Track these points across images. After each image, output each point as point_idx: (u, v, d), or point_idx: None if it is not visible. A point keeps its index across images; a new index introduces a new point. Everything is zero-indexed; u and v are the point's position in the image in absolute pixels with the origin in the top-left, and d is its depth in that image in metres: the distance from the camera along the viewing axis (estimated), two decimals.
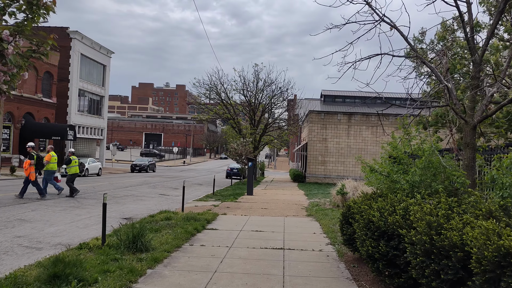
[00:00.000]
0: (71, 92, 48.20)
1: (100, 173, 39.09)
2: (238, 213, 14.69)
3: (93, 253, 7.70)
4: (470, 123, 7.29)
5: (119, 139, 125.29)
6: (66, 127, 40.04)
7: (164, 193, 23.07)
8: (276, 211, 15.47)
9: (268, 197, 21.39)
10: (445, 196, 6.12)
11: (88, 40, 50.71)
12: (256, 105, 35.72)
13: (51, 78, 43.91)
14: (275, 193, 24.46)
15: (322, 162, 36.73)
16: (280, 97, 35.45)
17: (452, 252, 4.56)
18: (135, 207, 16.72)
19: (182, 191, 14.93)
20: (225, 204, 17.18)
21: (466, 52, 13.99)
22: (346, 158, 36.57)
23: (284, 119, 37.79)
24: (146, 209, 15.95)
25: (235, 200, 18.95)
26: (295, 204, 18.10)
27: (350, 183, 17.83)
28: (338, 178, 37.08)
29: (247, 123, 37.60)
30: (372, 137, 36.60)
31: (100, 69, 55.64)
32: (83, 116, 50.91)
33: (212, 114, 35.03)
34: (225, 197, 20.60)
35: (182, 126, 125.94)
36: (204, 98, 35.37)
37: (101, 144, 56.83)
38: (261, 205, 17.29)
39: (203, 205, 16.94)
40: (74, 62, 48.28)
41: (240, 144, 30.48)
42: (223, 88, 34.84)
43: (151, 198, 20.23)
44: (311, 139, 36.72)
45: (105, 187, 25.10)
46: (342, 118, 36.92)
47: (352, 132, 36.69)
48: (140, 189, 24.87)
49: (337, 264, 7.67)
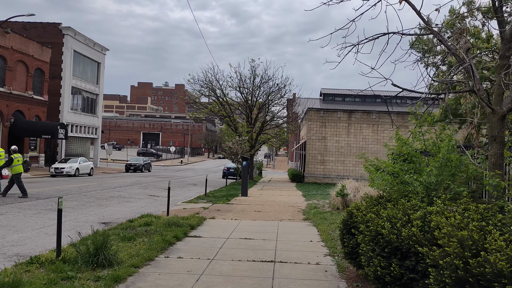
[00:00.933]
0: (64, 89, 46.89)
1: (92, 173, 37.80)
2: (228, 216, 13.40)
3: (44, 269, 6.41)
4: (498, 112, 6.01)
5: (116, 139, 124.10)
6: (57, 125, 38.73)
7: (154, 194, 21.80)
8: (271, 215, 14.18)
9: (264, 199, 20.11)
10: (472, 202, 4.84)
11: (81, 37, 49.40)
12: (253, 103, 34.42)
13: (43, 75, 42.59)
14: (272, 194, 23.19)
15: (321, 161, 35.46)
16: (277, 94, 34.15)
17: (498, 283, 3.28)
18: (118, 209, 15.45)
19: (168, 192, 13.67)
20: (215, 207, 15.89)
21: (480, 40, 12.72)
22: (346, 157, 35.30)
23: (282, 117, 36.48)
24: (130, 212, 14.68)
25: (228, 202, 17.66)
26: (292, 206, 16.82)
27: (351, 184, 16.57)
28: (338, 178, 35.81)
29: (243, 121, 36.32)
30: (373, 136, 35.32)
31: (94, 67, 54.31)
32: (77, 115, 49.61)
33: (207, 112, 33.69)
34: (218, 199, 19.33)
35: (181, 126, 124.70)
36: (199, 95, 34.04)
37: (95, 143, 55.54)
38: (255, 208, 16.02)
39: (192, 208, 15.67)
40: (66, 59, 46.97)
41: (235, 142, 29.18)
42: (219, 84, 33.57)
43: (138, 200, 18.95)
44: (310, 138, 35.45)
45: (92, 188, 23.82)
46: (342, 115, 35.65)
47: (353, 130, 35.41)
48: (130, 189, 23.59)
49: (337, 284, 6.37)
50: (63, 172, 33.79)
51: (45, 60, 42.58)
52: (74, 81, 48.72)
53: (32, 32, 46.78)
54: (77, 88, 49.94)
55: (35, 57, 40.73)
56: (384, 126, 35.35)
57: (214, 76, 33.58)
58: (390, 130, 36.54)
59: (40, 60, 41.62)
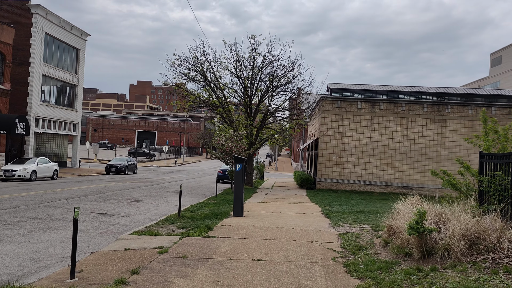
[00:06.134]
0: (32, 78, 39.96)
1: (56, 176, 30.92)
2: (196, 280, 6.53)
3: None
4: None
5: (110, 138, 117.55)
6: (15, 118, 31.88)
7: (107, 212, 14.91)
8: (283, 271, 7.30)
9: (267, 221, 13.21)
10: None
11: (54, 18, 42.49)
12: (253, 90, 27.45)
13: (3, 59, 35.70)
14: (278, 212, 16.28)
15: (337, 163, 28.53)
16: (283, 79, 27.16)
17: None
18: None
19: (73, 229, 6.83)
20: (182, 247, 8.97)
21: None
22: (369, 158, 28.36)
23: (289, 108, 29.43)
24: (13, 263, 7.86)
25: (208, 233, 10.71)
26: (316, 243, 9.91)
27: (417, 203, 9.75)
28: (359, 184, 28.91)
29: (241, 113, 29.38)
30: (401, 132, 28.39)
31: (73, 54, 47.39)
32: (49, 108, 42.71)
33: (193, 99, 26.67)
34: (196, 222, 12.43)
35: (177, 124, 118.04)
36: (185, 80, 27.03)
37: (74, 141, 48.59)
38: (253, 247, 9.15)
39: (141, 248, 8.79)
40: (36, 42, 40.04)
41: (229, 138, 22.24)
42: (210, 67, 26.57)
43: (68, 226, 12.07)
44: (324, 134, 28.54)
45: (21, 200, 16.89)
46: (363, 106, 28.70)
47: (377, 124, 28.48)
48: (75, 204, 16.70)
49: None
50: (14, 176, 26.95)
51: (6, 42, 35.67)
52: (45, 68, 41.80)
53: None
54: (50, 77, 43.03)
55: None
56: (416, 120, 28.42)
57: (205, 56, 26.61)
58: (424, 126, 29.56)
59: None
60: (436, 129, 28.33)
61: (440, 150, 28.11)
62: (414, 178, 28.20)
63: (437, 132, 28.28)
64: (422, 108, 28.63)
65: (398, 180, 28.30)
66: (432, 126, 28.35)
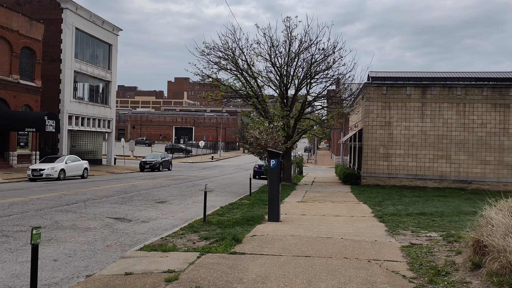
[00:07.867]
0: (64, 74, 39.27)
1: (86, 174, 29.79)
2: None
3: None
4: None
5: (148, 134, 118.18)
6: (44, 115, 30.96)
7: (125, 216, 13.10)
8: None
9: (308, 228, 10.94)
10: None
11: (85, 12, 41.65)
12: (289, 77, 25.08)
13: (33, 56, 35.02)
14: (321, 214, 13.96)
15: (384, 155, 25.77)
16: (322, 64, 24.61)
17: None
18: None
19: (31, 264, 4.77)
20: (199, 271, 6.85)
21: None
22: (420, 150, 25.43)
23: (330, 96, 26.81)
24: None
25: (234, 246, 8.56)
26: (375, 262, 7.56)
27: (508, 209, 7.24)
28: (409, 178, 26.02)
29: (276, 103, 27.07)
30: (457, 119, 25.25)
31: (105, 49, 46.55)
32: (82, 105, 41.99)
33: (225, 89, 24.57)
34: (223, 230, 10.34)
35: (214, 119, 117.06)
36: (216, 69, 24.99)
37: (108, 138, 47.91)
38: (291, 270, 6.93)
39: (145, 272, 6.76)
40: (67, 38, 39.29)
41: (263, 131, 20.05)
42: (242, 54, 24.42)
43: (76, 234, 10.27)
44: (369, 124, 25.84)
45: (36, 203, 15.39)
46: (412, 92, 25.74)
47: (428, 112, 25.47)
48: (93, 207, 15.03)
49: None
50: (42, 175, 25.89)
51: (36, 38, 34.95)
52: (77, 64, 41.05)
53: (27, 8, 39.45)
54: (82, 74, 42.28)
55: (21, 33, 33.12)
56: (474, 106, 25.21)
57: (236, 42, 24.46)
58: (484, 112, 26.16)
59: (28, 37, 34.01)
60: (498, 115, 25.00)
61: (503, 139, 24.79)
62: (473, 171, 25.04)
63: (499, 118, 24.96)
64: (481, 92, 25.36)
65: (454, 174, 25.22)
66: (493, 111, 25.04)
